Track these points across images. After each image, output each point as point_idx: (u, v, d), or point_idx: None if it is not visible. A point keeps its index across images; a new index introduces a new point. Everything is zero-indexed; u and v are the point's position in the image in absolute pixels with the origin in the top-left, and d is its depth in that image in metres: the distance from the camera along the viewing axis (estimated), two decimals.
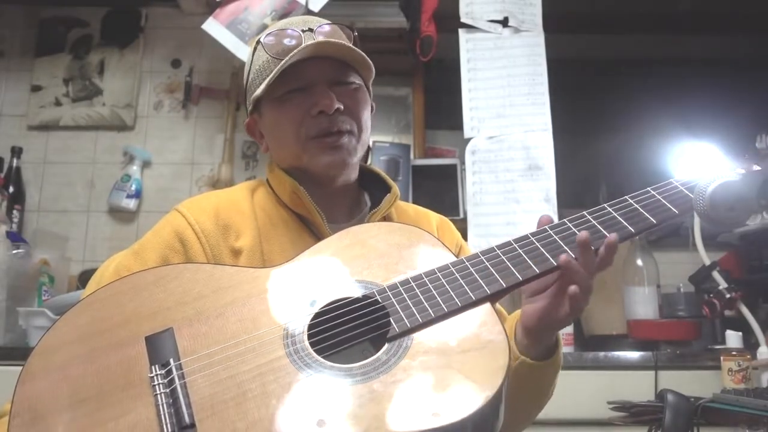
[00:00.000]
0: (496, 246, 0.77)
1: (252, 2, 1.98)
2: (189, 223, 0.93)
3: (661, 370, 1.54)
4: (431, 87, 2.47)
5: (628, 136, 2.46)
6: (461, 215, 2.13)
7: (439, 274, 0.75)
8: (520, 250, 0.76)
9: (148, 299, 0.74)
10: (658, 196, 0.77)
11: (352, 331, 0.71)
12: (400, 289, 0.74)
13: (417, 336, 0.69)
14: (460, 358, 0.66)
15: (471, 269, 0.74)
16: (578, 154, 2.42)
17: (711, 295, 1.70)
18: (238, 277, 0.77)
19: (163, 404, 0.64)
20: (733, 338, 1.63)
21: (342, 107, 0.94)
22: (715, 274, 1.73)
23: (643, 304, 1.81)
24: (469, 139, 1.88)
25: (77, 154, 2.30)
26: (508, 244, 0.77)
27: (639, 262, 1.84)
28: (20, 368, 0.68)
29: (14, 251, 1.84)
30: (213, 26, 1.96)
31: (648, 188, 0.79)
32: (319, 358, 0.68)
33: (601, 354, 1.59)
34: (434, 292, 0.73)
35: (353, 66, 0.98)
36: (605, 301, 1.91)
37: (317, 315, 0.73)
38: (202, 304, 0.74)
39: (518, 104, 1.88)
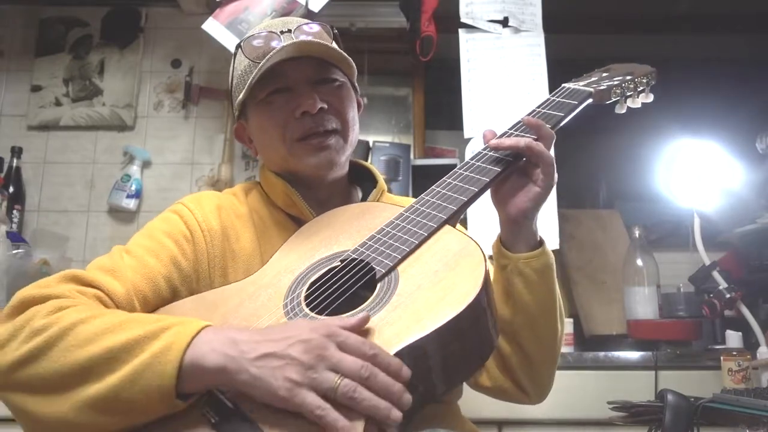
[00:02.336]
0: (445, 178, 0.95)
1: (252, 2, 1.97)
2: (197, 219, 0.93)
3: (661, 370, 1.54)
4: (431, 87, 2.46)
5: (628, 136, 2.46)
6: None
7: (396, 221, 0.86)
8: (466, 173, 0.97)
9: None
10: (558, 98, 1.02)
11: (343, 287, 0.79)
12: (369, 243, 0.84)
13: (401, 268, 0.79)
14: (445, 267, 0.77)
15: (422, 208, 0.87)
16: (578, 154, 2.41)
17: (711, 295, 1.70)
18: (225, 293, 0.85)
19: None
20: (733, 338, 1.62)
21: (326, 106, 0.93)
22: (715, 274, 1.72)
23: (643, 304, 1.80)
24: (469, 139, 1.87)
25: (77, 154, 2.30)
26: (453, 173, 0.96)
27: (639, 262, 1.84)
28: None
29: (14, 251, 1.84)
30: (213, 26, 1.96)
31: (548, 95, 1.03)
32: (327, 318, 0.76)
33: (601, 354, 1.59)
34: (400, 234, 0.83)
35: (335, 63, 0.97)
36: (605, 301, 1.91)
37: (309, 286, 0.80)
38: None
39: (518, 104, 1.88)
